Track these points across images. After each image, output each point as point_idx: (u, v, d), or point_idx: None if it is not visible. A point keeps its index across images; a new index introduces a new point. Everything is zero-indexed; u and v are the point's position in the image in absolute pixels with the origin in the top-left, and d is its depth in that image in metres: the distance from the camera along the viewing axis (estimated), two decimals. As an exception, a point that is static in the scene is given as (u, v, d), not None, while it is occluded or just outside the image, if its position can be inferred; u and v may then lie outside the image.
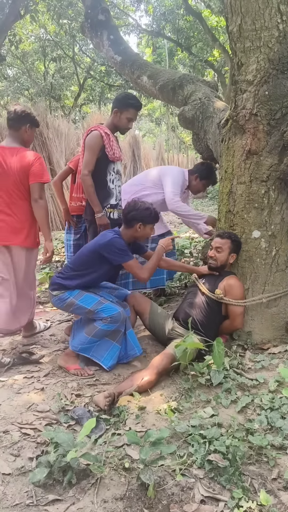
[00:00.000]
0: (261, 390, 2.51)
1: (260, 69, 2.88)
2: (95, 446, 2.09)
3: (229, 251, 3.04)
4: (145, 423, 2.25)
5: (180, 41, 16.86)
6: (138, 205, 2.87)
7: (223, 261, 3.07)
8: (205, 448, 2.00)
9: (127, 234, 2.94)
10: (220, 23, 16.58)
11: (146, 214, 2.86)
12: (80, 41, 19.17)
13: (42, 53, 19.52)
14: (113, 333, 2.83)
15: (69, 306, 2.86)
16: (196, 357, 2.82)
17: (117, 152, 3.23)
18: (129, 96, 3.28)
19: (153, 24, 17.36)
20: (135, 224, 2.88)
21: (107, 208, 3.29)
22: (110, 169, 3.26)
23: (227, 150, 3.19)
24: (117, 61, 4.54)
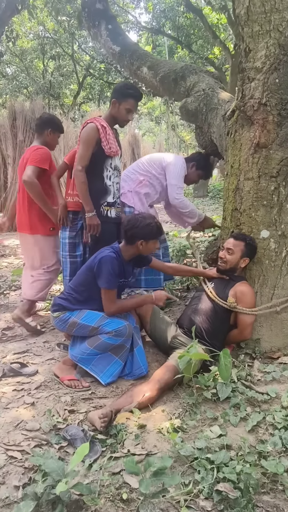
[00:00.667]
0: (273, 405, 2.29)
1: (270, 55, 2.66)
2: (89, 472, 1.86)
3: (241, 254, 2.79)
4: (146, 444, 2.03)
5: (180, 39, 16.65)
6: (139, 222, 2.64)
7: (232, 264, 2.83)
8: (213, 475, 1.78)
9: (128, 251, 2.73)
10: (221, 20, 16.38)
11: (147, 231, 2.64)
12: (80, 38, 18.98)
13: (41, 51, 19.31)
14: (117, 348, 2.62)
15: (71, 326, 2.67)
16: (200, 368, 2.59)
17: (114, 146, 3.00)
18: (128, 85, 3.05)
19: (153, 22, 17.14)
20: (137, 242, 2.66)
21: (104, 206, 3.06)
22: (107, 165, 3.03)
23: (233, 143, 2.96)
24: (115, 52, 4.31)
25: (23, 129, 8.86)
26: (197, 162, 3.64)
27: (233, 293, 2.76)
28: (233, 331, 2.82)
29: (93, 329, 2.59)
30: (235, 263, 2.83)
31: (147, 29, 17.18)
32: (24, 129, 8.88)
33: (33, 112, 9.02)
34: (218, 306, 2.75)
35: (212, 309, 2.75)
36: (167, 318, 2.95)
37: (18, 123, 8.88)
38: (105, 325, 2.57)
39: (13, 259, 6.03)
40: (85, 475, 1.86)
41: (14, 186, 8.88)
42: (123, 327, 2.56)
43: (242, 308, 2.70)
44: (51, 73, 20.18)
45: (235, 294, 2.75)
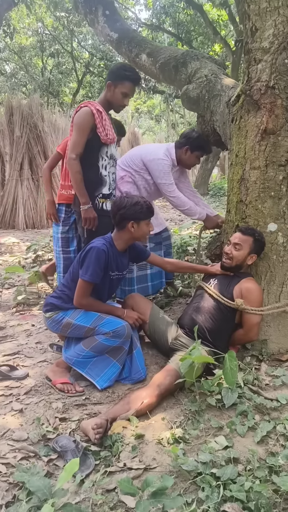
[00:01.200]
0: (283, 413, 2.09)
1: (278, 34, 2.46)
2: (81, 489, 1.67)
3: (249, 250, 2.56)
4: (144, 457, 1.83)
5: (181, 35, 16.46)
6: (125, 202, 2.43)
7: (239, 261, 2.60)
8: (219, 494, 1.58)
9: (121, 238, 2.51)
10: (222, 17, 16.21)
11: (136, 210, 2.42)
12: (79, 35, 18.78)
13: (40, 48, 19.10)
14: (115, 350, 2.42)
15: (66, 327, 2.46)
16: (204, 372, 2.40)
17: (110, 133, 2.77)
18: (126, 67, 2.81)
19: (152, 18, 16.96)
20: (127, 224, 2.44)
21: (99, 198, 2.83)
22: (102, 153, 2.80)
23: (238, 130, 2.76)
24: (113, 38, 4.11)
25: (20, 124, 8.66)
26: (190, 144, 3.33)
27: (238, 291, 2.55)
28: (238, 331, 2.61)
29: (89, 330, 2.40)
30: (242, 260, 2.59)
31: (147, 25, 16.98)
32: (21, 125, 8.67)
33: (30, 107, 8.82)
34: (221, 303, 2.55)
35: (216, 307, 2.55)
36: (167, 317, 2.74)
37: (15, 118, 8.67)
38: (102, 326, 2.38)
39: (8, 257, 5.84)
40: (75, 493, 1.67)
41: (11, 183, 8.68)
42: (121, 328, 2.36)
43: (250, 308, 2.50)
44: (50, 70, 19.98)
45: (240, 292, 2.55)
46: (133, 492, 1.43)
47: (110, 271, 2.49)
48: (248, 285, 2.56)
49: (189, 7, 14.37)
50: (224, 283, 2.63)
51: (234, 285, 2.58)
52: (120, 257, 2.54)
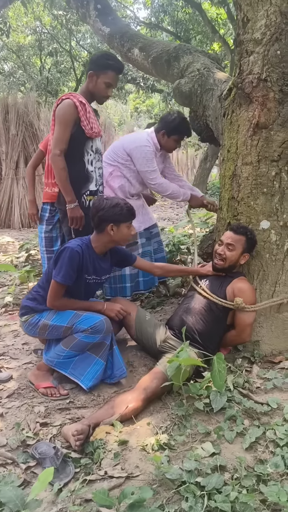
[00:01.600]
0: (274, 418, 2.01)
1: (270, 24, 2.38)
2: (58, 498, 1.58)
3: (242, 250, 2.48)
4: (126, 465, 1.74)
5: (179, 34, 16.38)
6: (104, 203, 2.31)
7: (232, 262, 2.51)
8: (203, 504, 1.50)
9: (100, 241, 2.39)
10: (221, 15, 16.13)
11: (116, 212, 2.30)
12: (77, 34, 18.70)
13: (38, 47, 19.01)
14: (96, 346, 2.32)
15: (42, 330, 2.35)
16: (193, 375, 2.31)
17: (95, 126, 2.67)
18: (108, 55, 2.69)
19: (151, 17, 16.89)
20: (106, 227, 2.32)
21: (86, 196, 2.73)
22: (87, 148, 2.69)
23: (230, 125, 2.68)
24: (105, 33, 4.02)
25: (15, 123, 8.57)
26: (166, 128, 3.14)
27: (231, 291, 2.47)
28: (230, 332, 2.53)
29: (66, 329, 2.30)
30: (235, 261, 2.51)
31: (145, 24, 16.90)
32: (17, 123, 8.59)
33: (26, 106, 8.74)
34: (213, 304, 2.47)
35: (207, 308, 2.46)
36: (154, 319, 2.65)
37: (10, 116, 8.59)
38: (79, 323, 2.28)
39: (1, 256, 5.75)
40: (52, 502, 1.58)
41: (7, 181, 8.60)
42: (99, 323, 2.26)
43: (250, 307, 2.41)
44: (49, 69, 19.89)
45: (233, 292, 2.46)
46: (109, 504, 1.35)
47: (86, 274, 2.38)
48: (241, 285, 2.48)
49: (188, 5, 14.31)
50: (215, 284, 2.55)
51: (227, 286, 2.50)
52: (98, 261, 2.42)
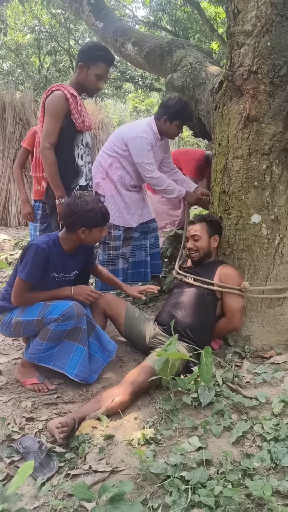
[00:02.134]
0: (262, 412, 1.98)
1: (261, 16, 2.35)
2: (40, 493, 1.56)
3: (208, 234, 2.61)
4: (111, 459, 1.72)
5: (178, 33, 16.35)
6: (79, 207, 2.24)
7: (205, 248, 2.62)
8: (186, 498, 1.47)
9: (69, 240, 2.33)
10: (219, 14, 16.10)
11: (89, 217, 2.25)
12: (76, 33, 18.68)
13: (37, 46, 18.99)
14: (72, 332, 2.27)
15: (17, 328, 2.29)
16: (183, 370, 2.29)
17: (87, 119, 2.63)
18: (98, 46, 2.63)
19: (150, 15, 16.86)
20: (78, 229, 2.28)
21: (76, 191, 2.68)
22: (78, 141, 2.61)
23: (221, 118, 2.66)
24: (98, 28, 4.00)
25: (12, 120, 8.54)
26: (168, 114, 3.00)
27: (218, 280, 2.50)
28: (221, 320, 2.53)
29: (38, 322, 2.24)
30: (207, 247, 2.62)
31: (144, 23, 16.87)
32: (13, 121, 8.56)
33: (23, 104, 8.71)
34: (202, 297, 2.47)
35: (196, 301, 2.45)
36: (144, 315, 2.62)
37: (7, 114, 8.56)
38: (49, 313, 2.22)
39: (-4, 254, 5.73)
40: (35, 497, 1.56)
41: (4, 179, 8.57)
42: (69, 308, 2.21)
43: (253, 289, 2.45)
44: (47, 68, 19.87)
45: (220, 279, 2.50)
46: (89, 497, 1.32)
47: (54, 272, 2.32)
48: (226, 271, 2.53)
49: (186, 4, 14.29)
50: (201, 276, 2.54)
51: (213, 276, 2.51)
52: (66, 258, 2.36)
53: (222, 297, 2.50)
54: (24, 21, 18.13)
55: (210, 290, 2.48)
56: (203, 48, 3.54)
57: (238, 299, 2.49)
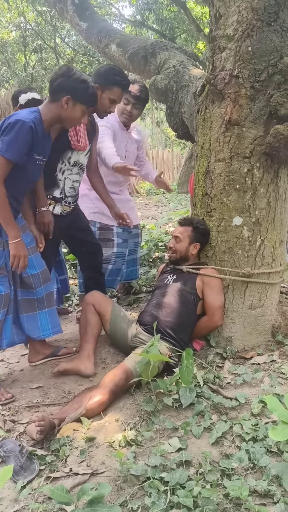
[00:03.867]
0: (242, 413, 2.01)
1: (242, 20, 2.38)
2: (20, 496, 1.56)
3: (190, 240, 2.63)
4: (92, 462, 1.73)
5: (164, 32, 16.37)
6: (73, 72, 2.08)
7: (182, 252, 2.66)
8: (166, 500, 1.49)
9: (50, 112, 2.13)
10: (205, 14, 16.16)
11: (80, 87, 2.09)
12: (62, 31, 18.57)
13: (23, 43, 18.85)
14: None
15: None
16: (164, 370, 2.31)
17: (83, 140, 2.52)
18: (115, 70, 2.59)
19: (136, 15, 16.85)
20: (62, 98, 2.08)
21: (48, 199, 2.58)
22: (64, 157, 2.54)
23: (203, 121, 2.68)
24: (82, 28, 3.99)
25: (-3, 119, 8.48)
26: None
27: (200, 280, 2.55)
28: (202, 319, 2.56)
29: None
30: (185, 251, 2.65)
31: (130, 22, 16.86)
32: (-2, 120, 8.50)
33: (8, 102, 8.65)
34: (183, 296, 2.50)
35: (178, 301, 2.48)
36: (129, 315, 2.65)
37: (-8, 113, 8.51)
38: None
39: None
40: (15, 500, 1.56)
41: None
42: None
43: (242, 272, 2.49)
44: (33, 66, 19.74)
45: (202, 279, 2.55)
46: (68, 500, 1.33)
47: (36, 153, 2.14)
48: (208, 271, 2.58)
49: (173, 4, 14.31)
50: (182, 277, 2.60)
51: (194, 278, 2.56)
52: (45, 138, 2.20)
53: (203, 295, 2.53)
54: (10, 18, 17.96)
55: (191, 289, 2.52)
56: (186, 50, 3.56)
57: (219, 297, 2.53)
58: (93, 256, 2.93)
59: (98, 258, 2.96)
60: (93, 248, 2.92)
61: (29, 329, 2.42)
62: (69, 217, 2.73)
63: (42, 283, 2.41)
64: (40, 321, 2.44)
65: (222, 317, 2.57)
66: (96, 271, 2.99)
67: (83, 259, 2.98)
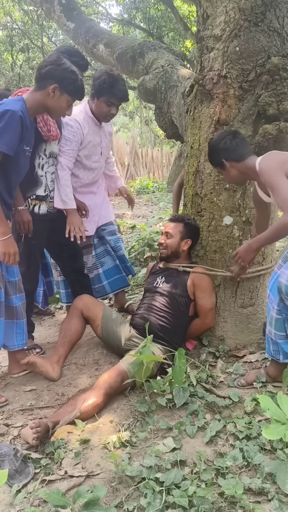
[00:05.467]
0: (235, 411, 2.03)
1: (230, 21, 2.39)
2: (15, 500, 1.56)
3: (181, 236, 2.63)
4: (87, 464, 1.73)
5: (152, 31, 16.36)
6: (62, 61, 2.05)
7: (173, 248, 2.65)
8: (161, 500, 1.50)
9: (35, 99, 2.08)
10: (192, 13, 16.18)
11: (68, 77, 2.05)
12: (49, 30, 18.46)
13: (9, 43, 18.71)
14: None
15: None
16: (158, 371, 2.32)
17: (53, 129, 2.45)
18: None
19: (123, 13, 16.82)
20: (48, 86, 2.03)
21: (31, 200, 2.53)
22: (40, 151, 2.48)
23: (192, 121, 2.69)
24: (69, 28, 3.98)
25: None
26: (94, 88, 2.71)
27: (191, 283, 2.54)
28: (194, 321, 2.58)
29: None
30: (176, 247, 2.65)
31: (117, 20, 16.82)
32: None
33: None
34: (175, 299, 2.51)
35: (169, 303, 2.49)
36: (121, 317, 2.64)
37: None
38: None
39: None
40: (10, 504, 1.56)
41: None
42: None
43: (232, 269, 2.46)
44: (20, 66, 19.61)
45: (193, 282, 2.54)
46: (64, 504, 1.34)
47: (25, 144, 2.11)
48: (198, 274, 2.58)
49: (160, 2, 14.30)
50: (171, 279, 2.59)
51: (185, 279, 2.55)
52: (32, 128, 2.17)
53: (195, 297, 2.54)
54: (-5, 17, 17.81)
55: (182, 292, 2.53)
56: (174, 50, 3.56)
57: (210, 299, 2.54)
58: (73, 260, 2.87)
59: (79, 261, 2.92)
60: (72, 252, 2.84)
61: (6, 337, 2.35)
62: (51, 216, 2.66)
63: (17, 292, 2.35)
64: (15, 331, 2.39)
65: (214, 318, 2.59)
66: (80, 273, 2.94)
67: (65, 265, 2.92)
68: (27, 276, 2.62)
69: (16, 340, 2.40)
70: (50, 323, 3.40)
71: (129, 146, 18.21)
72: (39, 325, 3.31)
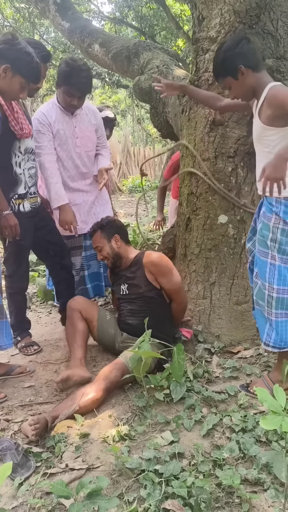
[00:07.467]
0: (231, 405, 2.08)
1: (225, 23, 2.44)
2: (18, 492, 1.59)
3: (106, 240, 2.56)
4: (87, 457, 1.77)
5: (144, 30, 16.35)
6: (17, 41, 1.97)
7: (111, 254, 2.56)
8: (160, 491, 1.54)
9: None
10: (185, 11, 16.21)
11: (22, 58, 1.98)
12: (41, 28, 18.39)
13: (0, 40, 18.62)
14: None
15: None
16: (155, 368, 2.36)
17: (26, 126, 2.42)
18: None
19: (115, 12, 16.79)
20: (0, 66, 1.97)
21: (15, 200, 2.51)
22: (14, 149, 2.44)
23: (188, 122, 2.73)
24: (65, 28, 4.00)
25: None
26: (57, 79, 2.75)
27: (148, 272, 2.42)
28: (172, 307, 2.51)
29: None
30: (112, 252, 2.56)
31: (109, 19, 16.80)
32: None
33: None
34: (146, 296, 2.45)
35: (145, 301, 2.46)
36: (114, 318, 2.65)
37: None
38: None
39: None
40: (13, 497, 1.60)
41: None
42: None
43: None
44: (12, 63, 19.51)
45: (150, 272, 2.42)
46: (67, 494, 1.37)
47: None
48: (151, 260, 2.41)
49: (152, 1, 14.31)
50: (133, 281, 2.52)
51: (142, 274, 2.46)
52: None
53: (161, 285, 2.44)
54: (-14, 15, 17.67)
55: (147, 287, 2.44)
56: (169, 50, 3.60)
57: (173, 279, 2.42)
58: (61, 257, 2.85)
59: (66, 259, 2.90)
60: (59, 249, 2.83)
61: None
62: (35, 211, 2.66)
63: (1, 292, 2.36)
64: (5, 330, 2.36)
65: (185, 295, 2.56)
66: (68, 273, 2.93)
67: (53, 263, 2.89)
68: (18, 275, 2.66)
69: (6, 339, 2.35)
70: (47, 320, 3.43)
71: (121, 145, 18.23)
72: (36, 323, 3.34)
